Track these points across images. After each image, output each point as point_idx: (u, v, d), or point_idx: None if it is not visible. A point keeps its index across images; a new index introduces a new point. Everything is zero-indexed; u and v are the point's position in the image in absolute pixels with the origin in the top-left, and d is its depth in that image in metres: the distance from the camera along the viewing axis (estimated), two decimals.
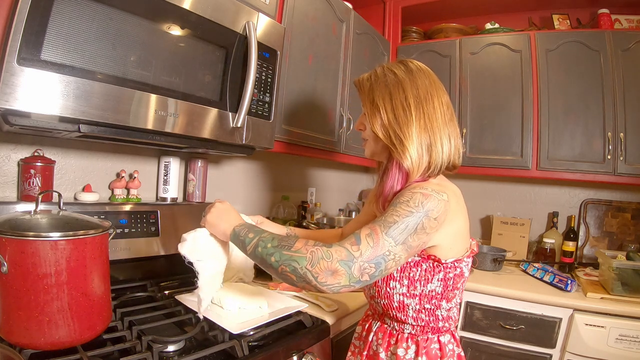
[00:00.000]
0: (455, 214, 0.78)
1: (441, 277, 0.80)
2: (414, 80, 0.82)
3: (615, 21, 1.98)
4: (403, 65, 0.85)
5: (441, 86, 0.86)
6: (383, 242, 0.69)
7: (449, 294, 0.83)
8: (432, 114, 0.80)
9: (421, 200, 0.72)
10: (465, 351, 1.62)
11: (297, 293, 1.27)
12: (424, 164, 0.79)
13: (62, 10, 0.73)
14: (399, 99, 0.81)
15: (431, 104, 0.81)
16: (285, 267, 0.70)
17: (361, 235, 0.70)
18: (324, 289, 0.67)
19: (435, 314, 0.83)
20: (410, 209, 0.72)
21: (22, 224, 0.73)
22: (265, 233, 0.77)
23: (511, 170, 1.99)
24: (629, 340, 1.38)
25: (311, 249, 0.69)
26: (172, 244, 1.30)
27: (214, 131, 1.06)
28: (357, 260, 0.67)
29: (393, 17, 2.28)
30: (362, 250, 0.68)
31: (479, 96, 2.06)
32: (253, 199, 1.83)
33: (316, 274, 0.67)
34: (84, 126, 0.83)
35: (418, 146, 0.78)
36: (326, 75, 1.63)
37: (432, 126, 0.80)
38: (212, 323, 0.93)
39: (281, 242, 0.73)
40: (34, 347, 0.73)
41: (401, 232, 0.70)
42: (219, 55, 1.05)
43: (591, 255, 2.00)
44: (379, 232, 0.69)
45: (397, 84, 0.82)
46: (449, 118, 0.83)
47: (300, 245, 0.70)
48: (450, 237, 0.78)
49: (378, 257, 0.68)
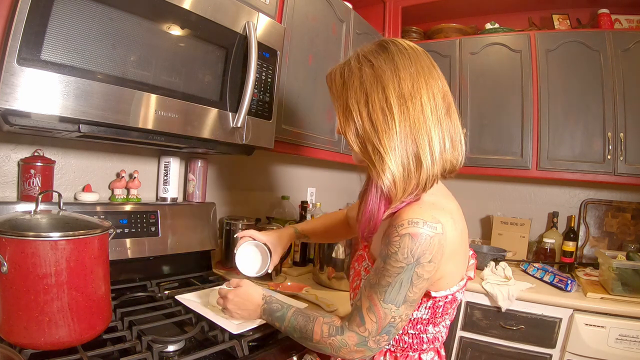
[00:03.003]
0: (454, 243, 0.68)
1: (429, 306, 0.74)
2: (395, 71, 0.66)
3: (615, 21, 1.99)
4: (383, 50, 0.69)
5: (432, 71, 0.69)
6: (384, 312, 0.67)
7: (437, 320, 0.76)
8: (419, 113, 0.65)
9: (410, 247, 0.63)
10: (465, 351, 1.63)
11: (297, 293, 1.27)
12: (412, 181, 0.66)
13: (62, 10, 0.73)
14: (378, 100, 0.66)
15: (418, 100, 0.66)
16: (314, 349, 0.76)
17: (363, 311, 0.69)
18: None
19: (420, 337, 0.78)
20: (400, 263, 0.64)
21: (22, 224, 0.73)
22: (285, 322, 0.79)
23: (511, 170, 1.99)
24: (629, 340, 1.38)
25: (329, 341, 0.72)
26: (172, 244, 1.30)
27: (214, 131, 1.06)
28: (368, 338, 0.69)
29: (393, 17, 2.28)
30: (368, 329, 0.68)
31: (479, 96, 2.06)
32: (253, 199, 1.83)
33: (343, 357, 0.72)
34: (84, 126, 0.83)
35: (404, 160, 0.65)
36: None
37: (420, 130, 0.65)
38: (212, 323, 0.93)
39: (302, 334, 0.76)
40: (34, 347, 0.73)
41: (397, 292, 0.66)
42: (219, 55, 1.05)
43: (591, 255, 2.00)
44: (377, 303, 0.67)
45: (375, 80, 0.67)
46: (443, 112, 0.68)
47: (318, 337, 0.73)
48: (445, 270, 0.70)
49: (385, 328, 0.68)
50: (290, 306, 0.81)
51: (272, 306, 0.83)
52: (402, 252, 0.64)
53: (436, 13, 2.37)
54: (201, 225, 1.41)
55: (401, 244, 0.64)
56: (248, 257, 1.05)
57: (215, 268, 1.51)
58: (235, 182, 1.73)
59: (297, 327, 0.76)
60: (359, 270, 0.85)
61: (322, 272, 1.45)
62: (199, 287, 1.24)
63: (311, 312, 0.78)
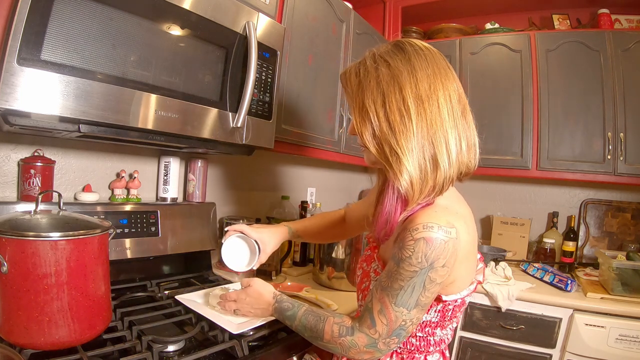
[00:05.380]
0: (467, 249, 0.68)
1: (439, 309, 0.74)
2: (414, 72, 0.66)
3: (615, 21, 1.99)
4: (399, 51, 0.69)
5: (448, 72, 0.69)
6: (396, 315, 0.67)
7: (445, 323, 0.77)
8: (436, 115, 0.65)
9: (424, 251, 0.63)
10: (465, 351, 1.63)
11: (297, 293, 1.27)
12: (429, 183, 0.66)
13: (62, 10, 0.73)
14: (395, 101, 0.65)
15: (435, 101, 0.65)
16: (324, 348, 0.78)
17: (374, 313, 0.69)
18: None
19: (427, 340, 0.78)
20: (414, 267, 0.64)
21: (22, 224, 0.72)
22: (296, 321, 0.80)
23: (511, 170, 1.99)
24: (629, 340, 1.38)
25: (339, 341, 0.72)
26: (172, 244, 1.30)
27: (214, 131, 1.06)
28: (378, 340, 0.69)
29: (393, 17, 2.28)
30: (379, 331, 0.69)
31: (479, 96, 2.06)
32: (253, 199, 1.83)
33: (352, 357, 0.73)
34: (84, 126, 0.83)
35: (420, 162, 0.65)
36: (326, 75, 1.63)
37: (437, 132, 0.65)
38: (212, 323, 0.93)
39: (313, 333, 0.77)
40: (34, 347, 0.73)
41: (409, 296, 0.65)
42: (219, 55, 1.05)
43: (591, 255, 2.00)
44: (389, 306, 0.67)
45: (392, 80, 0.66)
46: (459, 114, 0.68)
47: (329, 336, 0.74)
48: (456, 274, 0.70)
49: (395, 330, 0.68)
50: (301, 305, 0.82)
51: (283, 305, 0.84)
52: (416, 256, 0.64)
53: (436, 13, 2.37)
54: (201, 225, 1.41)
55: (415, 248, 0.64)
56: (235, 251, 1.03)
57: (215, 268, 1.51)
58: (235, 182, 1.73)
59: (307, 326, 0.77)
60: (368, 271, 0.85)
61: (322, 272, 1.45)
62: (199, 287, 1.24)
63: (322, 311, 0.79)
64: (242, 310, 0.91)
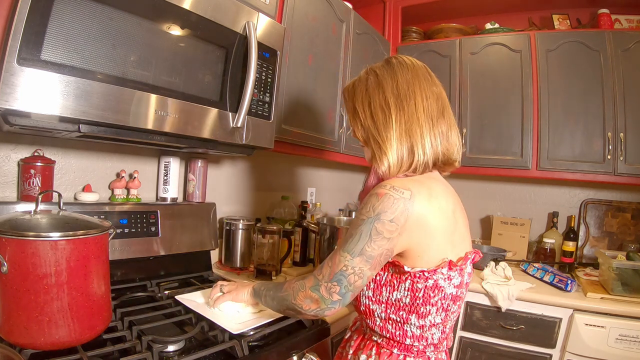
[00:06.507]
0: (425, 215, 0.70)
1: (408, 287, 0.73)
2: (394, 77, 0.78)
3: (615, 21, 1.98)
4: (387, 64, 0.82)
5: (428, 79, 0.80)
6: (339, 258, 0.71)
7: (420, 308, 0.74)
8: (413, 112, 0.75)
9: (373, 203, 0.70)
10: (465, 351, 1.63)
11: None
12: (405, 166, 0.75)
13: (62, 10, 0.73)
14: (378, 101, 0.77)
15: (412, 100, 0.76)
16: (284, 308, 0.81)
17: (325, 260, 0.75)
18: (311, 315, 0.76)
19: (404, 329, 0.76)
20: (362, 216, 0.70)
21: (22, 224, 0.73)
22: (262, 296, 0.88)
23: (511, 170, 1.99)
24: (629, 340, 1.38)
25: (292, 285, 0.78)
26: (172, 244, 1.30)
27: (214, 131, 1.06)
28: (321, 282, 0.73)
29: (393, 17, 2.28)
30: (323, 272, 0.73)
31: (479, 96, 2.06)
32: (253, 199, 1.83)
33: (300, 305, 0.76)
34: (84, 126, 0.83)
35: (398, 149, 0.75)
36: (326, 75, 1.63)
37: (413, 126, 0.75)
38: (212, 323, 0.93)
39: (276, 298, 0.83)
40: (34, 347, 0.73)
41: (355, 244, 0.70)
42: (219, 55, 1.05)
43: (591, 255, 2.00)
44: (337, 252, 0.73)
45: (377, 85, 0.79)
46: (436, 113, 0.77)
47: (287, 285, 0.80)
48: (417, 242, 0.71)
49: (337, 274, 0.71)
50: (272, 285, 0.88)
51: (256, 287, 0.92)
52: (366, 208, 0.71)
53: (436, 13, 2.37)
54: (201, 225, 1.41)
55: (368, 201, 0.72)
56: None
57: (215, 268, 1.51)
58: (235, 182, 1.73)
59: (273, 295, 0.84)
60: None
61: None
62: (199, 287, 1.24)
63: None
64: (231, 292, 0.97)
